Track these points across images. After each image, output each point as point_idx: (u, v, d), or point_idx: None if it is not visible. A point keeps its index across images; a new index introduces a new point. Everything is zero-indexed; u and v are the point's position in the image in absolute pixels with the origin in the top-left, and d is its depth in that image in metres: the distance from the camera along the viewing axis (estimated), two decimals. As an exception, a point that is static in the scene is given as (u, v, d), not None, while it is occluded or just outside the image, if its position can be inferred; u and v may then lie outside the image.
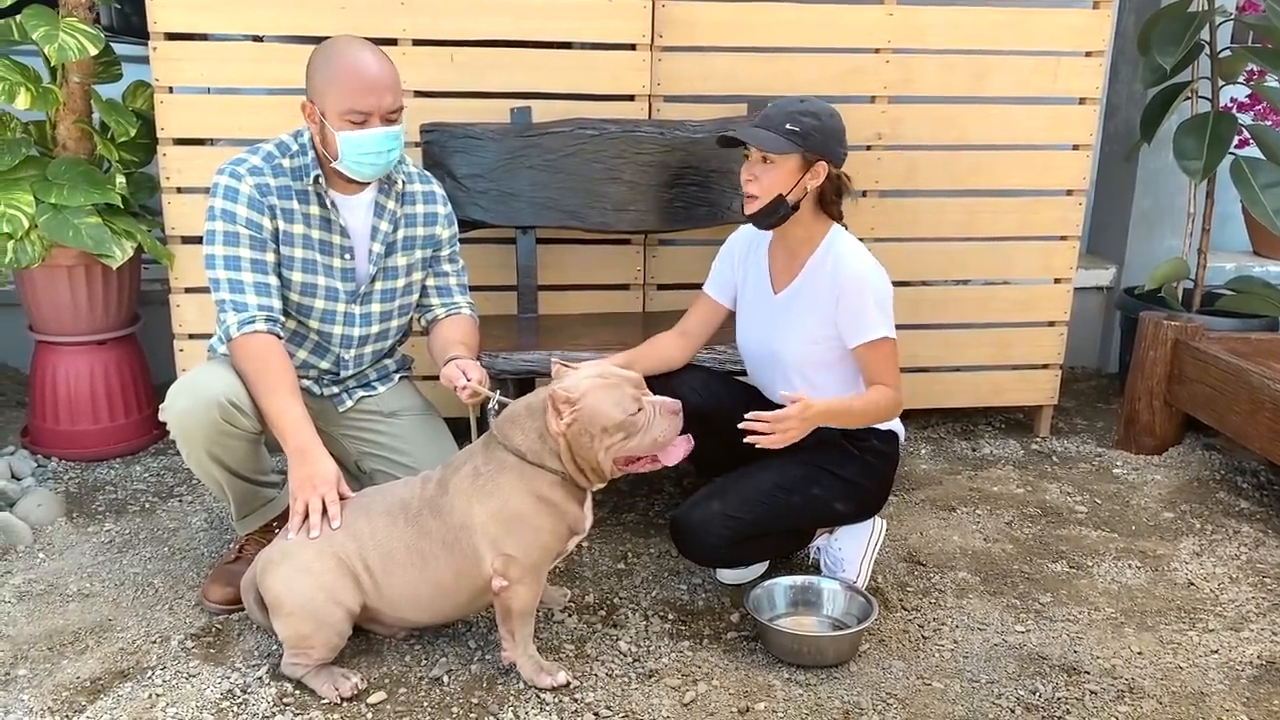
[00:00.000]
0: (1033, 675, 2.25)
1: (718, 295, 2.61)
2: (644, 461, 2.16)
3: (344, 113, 2.23)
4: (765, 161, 2.33)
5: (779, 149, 2.30)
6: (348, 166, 2.29)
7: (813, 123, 2.32)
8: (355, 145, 2.26)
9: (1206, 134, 3.61)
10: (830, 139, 2.35)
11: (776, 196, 2.34)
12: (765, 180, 2.34)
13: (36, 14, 2.92)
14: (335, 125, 2.24)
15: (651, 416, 2.11)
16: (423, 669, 2.21)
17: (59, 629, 2.34)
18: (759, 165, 2.34)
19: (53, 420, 3.19)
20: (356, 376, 2.53)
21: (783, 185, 2.34)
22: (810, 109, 2.34)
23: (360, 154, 2.27)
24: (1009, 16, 3.31)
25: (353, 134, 2.24)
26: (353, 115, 2.23)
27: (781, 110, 2.34)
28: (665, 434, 2.13)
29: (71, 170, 3.02)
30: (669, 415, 2.13)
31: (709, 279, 2.63)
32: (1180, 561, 2.77)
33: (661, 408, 2.13)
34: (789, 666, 2.25)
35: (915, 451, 3.48)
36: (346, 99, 2.22)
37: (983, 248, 3.49)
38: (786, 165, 2.33)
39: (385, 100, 2.25)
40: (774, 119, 2.33)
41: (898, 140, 3.35)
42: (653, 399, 2.14)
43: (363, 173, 2.31)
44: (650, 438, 2.11)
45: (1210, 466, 3.37)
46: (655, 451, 2.14)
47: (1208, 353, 3.25)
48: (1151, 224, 4.26)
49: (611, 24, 3.12)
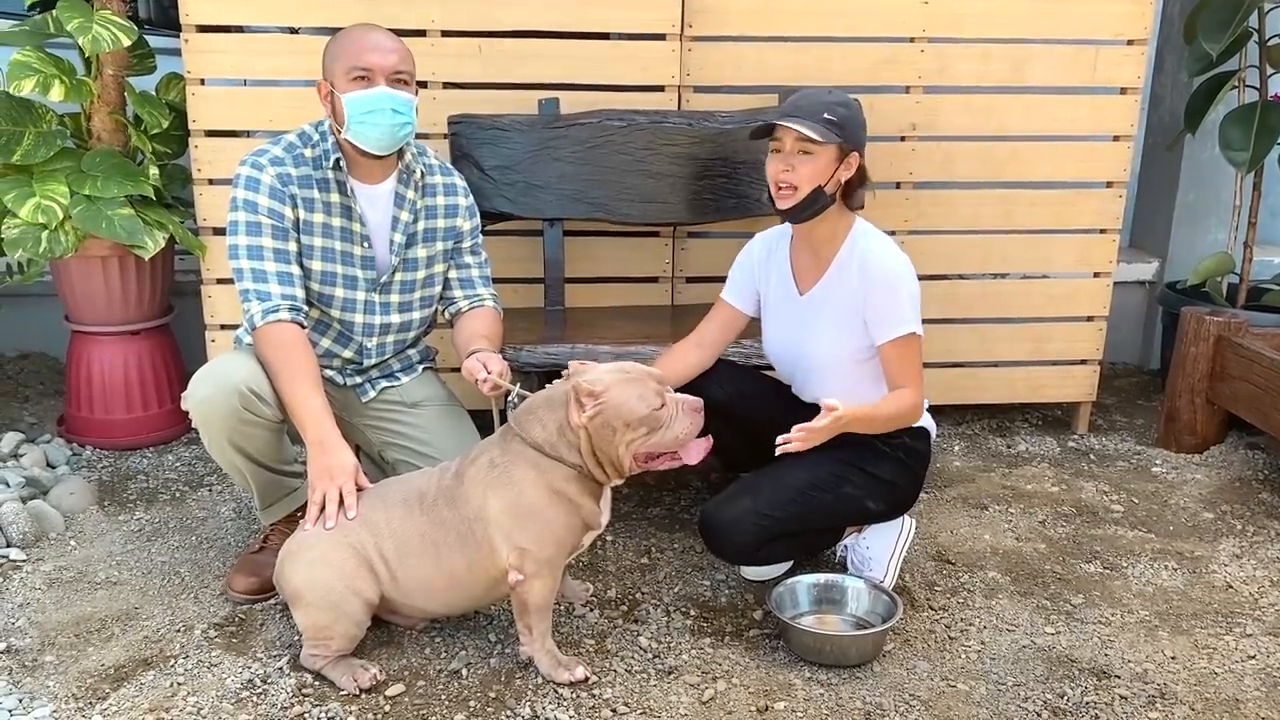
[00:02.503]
0: (1061, 678, 2.20)
1: (737, 302, 2.57)
2: (664, 459, 2.14)
3: (348, 72, 2.25)
4: (803, 153, 2.28)
5: (826, 138, 2.25)
6: (354, 131, 2.28)
7: (846, 113, 2.29)
8: (359, 104, 2.25)
9: (1254, 124, 3.52)
10: (860, 129, 2.33)
11: (816, 189, 2.29)
12: (804, 171, 2.28)
13: (71, 6, 2.95)
14: (342, 89, 2.25)
15: (674, 413, 2.09)
16: (441, 662, 2.21)
17: (86, 616, 2.36)
18: (796, 157, 2.28)
19: (87, 409, 3.24)
20: (380, 366, 2.53)
21: (821, 177, 2.29)
22: (840, 99, 2.31)
23: (364, 113, 2.25)
24: (1047, 4, 3.24)
25: (356, 93, 2.25)
26: (355, 73, 2.24)
27: (814, 101, 2.30)
28: (687, 432, 2.11)
29: (105, 162, 3.05)
30: (691, 413, 2.11)
31: (727, 286, 2.59)
32: (1219, 563, 2.70)
33: (684, 405, 2.11)
34: (810, 666, 2.22)
35: (949, 448, 3.43)
36: (350, 59, 2.25)
37: (1020, 241, 3.43)
38: (825, 156, 2.28)
39: (389, 60, 2.26)
40: (808, 109, 2.28)
41: (933, 131, 3.29)
42: (675, 396, 2.12)
43: (368, 136, 2.28)
44: (672, 434, 2.09)
45: (1253, 466, 3.28)
46: (676, 449, 2.13)
47: (1251, 349, 3.16)
48: (1196, 217, 4.16)
49: (641, 14, 3.10)
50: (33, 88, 2.93)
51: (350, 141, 2.30)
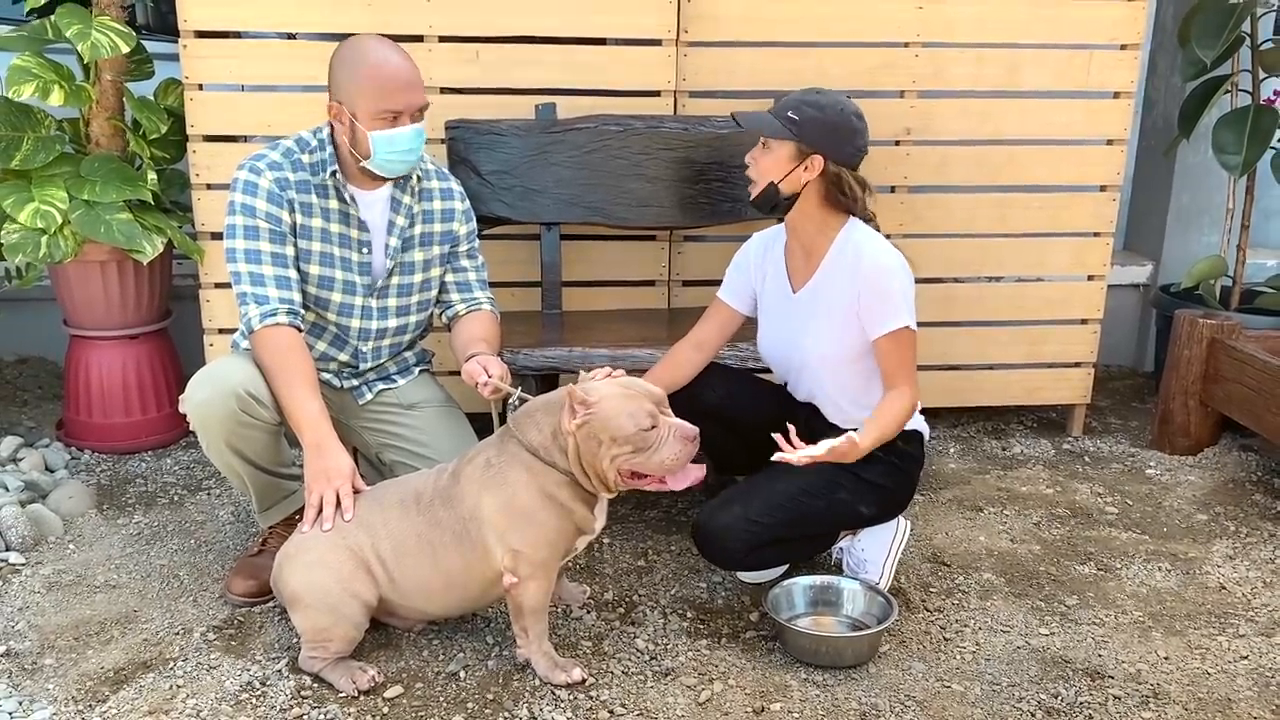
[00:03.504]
0: (1055, 679, 2.21)
1: (733, 302, 2.58)
2: (650, 480, 2.10)
3: (377, 113, 2.27)
4: (763, 146, 2.35)
5: (772, 133, 2.31)
6: (380, 165, 2.32)
7: (813, 113, 2.29)
8: (389, 144, 2.29)
9: (1246, 128, 3.54)
10: (832, 134, 2.31)
11: (769, 184, 2.34)
12: (760, 165, 2.36)
13: (70, 12, 2.96)
14: (368, 125, 2.27)
15: (664, 437, 2.05)
16: (440, 664, 2.22)
17: (85, 619, 2.37)
18: (758, 149, 2.36)
19: (86, 413, 3.25)
20: (376, 369, 2.54)
21: (775, 173, 2.33)
22: (818, 101, 2.31)
23: (392, 151, 2.30)
24: (1041, 9, 3.26)
25: (386, 133, 2.28)
26: (386, 115, 2.27)
27: (791, 98, 2.34)
28: (676, 458, 2.06)
29: (104, 166, 3.06)
30: (683, 440, 2.06)
31: (723, 286, 2.61)
32: (1212, 564, 2.72)
33: (677, 431, 2.06)
34: (806, 667, 2.23)
35: (944, 450, 3.44)
36: (381, 100, 2.26)
37: (1015, 244, 3.44)
38: (780, 152, 2.32)
39: (416, 98, 2.30)
40: (780, 105, 2.33)
41: (928, 135, 3.31)
42: (670, 421, 2.08)
43: (394, 169, 2.35)
44: (659, 458, 2.05)
45: (1246, 468, 3.29)
46: (663, 474, 2.09)
47: (1244, 351, 3.18)
48: (1190, 220, 4.18)
49: (637, 19, 3.11)
50: (32, 93, 2.94)
51: (371, 169, 2.34)
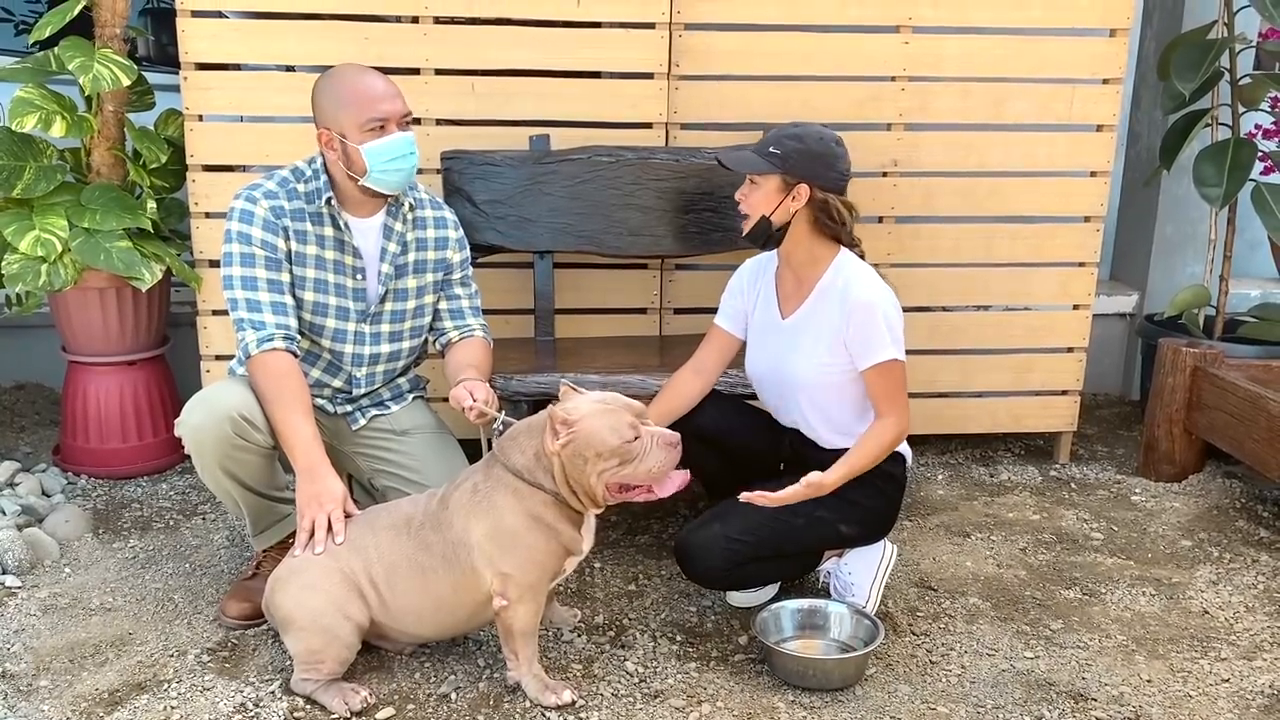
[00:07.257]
0: (1039, 701, 2.24)
1: (729, 327, 2.63)
2: (639, 491, 2.14)
3: (363, 125, 2.32)
4: (751, 182, 2.41)
5: (755, 169, 2.38)
6: (377, 178, 2.36)
7: (795, 145, 2.36)
8: (382, 153, 2.34)
9: (1227, 161, 3.59)
10: (815, 162, 2.37)
11: (762, 217, 2.40)
12: (750, 200, 2.42)
13: (73, 45, 3.02)
14: (358, 140, 2.32)
15: (648, 446, 2.09)
16: (431, 686, 2.24)
17: (80, 642, 2.40)
18: (747, 185, 2.43)
19: (83, 439, 3.28)
20: (369, 395, 2.58)
21: (765, 206, 2.39)
22: (796, 133, 2.38)
23: (387, 161, 2.35)
24: (1025, 45, 3.33)
25: (377, 143, 2.33)
26: (372, 124, 2.32)
27: (771, 135, 2.41)
28: (661, 466, 2.10)
29: (104, 195, 3.11)
30: (666, 447, 2.10)
31: (719, 312, 2.65)
32: (1196, 589, 2.75)
33: (659, 439, 2.10)
34: (794, 689, 2.26)
35: (931, 477, 3.48)
36: (364, 111, 2.32)
37: (1001, 273, 3.50)
38: (767, 186, 2.38)
39: (398, 106, 2.36)
40: (762, 143, 2.40)
41: (914, 167, 3.37)
42: (651, 430, 2.12)
43: (392, 181, 2.38)
44: (645, 468, 2.09)
45: (1230, 494, 3.33)
46: (650, 482, 2.12)
47: (1227, 379, 3.23)
48: (1173, 250, 4.24)
49: (629, 53, 3.18)
50: (35, 124, 2.99)
51: (369, 185, 2.38)
